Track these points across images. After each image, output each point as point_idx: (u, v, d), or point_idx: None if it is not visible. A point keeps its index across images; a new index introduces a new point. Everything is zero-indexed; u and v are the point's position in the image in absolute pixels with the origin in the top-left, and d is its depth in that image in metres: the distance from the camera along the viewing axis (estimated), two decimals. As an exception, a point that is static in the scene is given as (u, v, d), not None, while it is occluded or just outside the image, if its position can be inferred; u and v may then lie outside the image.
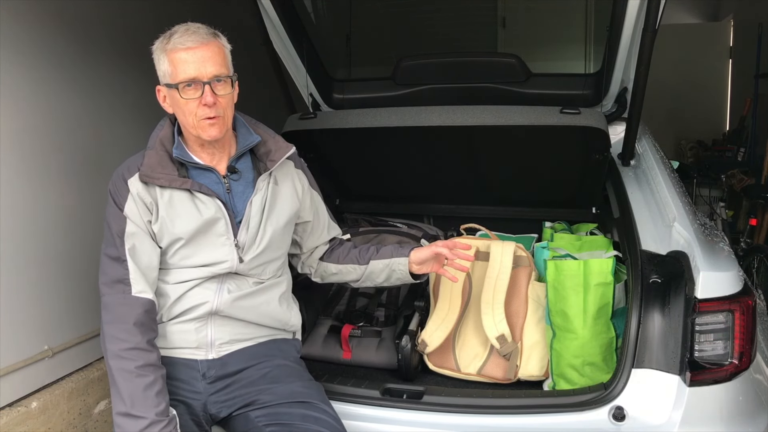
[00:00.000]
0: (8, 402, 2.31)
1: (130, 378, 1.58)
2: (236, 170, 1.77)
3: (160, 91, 1.71)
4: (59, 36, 2.57)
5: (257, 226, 1.75)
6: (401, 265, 1.89)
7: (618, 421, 1.71)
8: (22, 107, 2.37)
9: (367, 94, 2.72)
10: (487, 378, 2.13)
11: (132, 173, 1.69)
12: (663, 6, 1.85)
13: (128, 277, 1.64)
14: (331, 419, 1.71)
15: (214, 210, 1.69)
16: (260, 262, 1.78)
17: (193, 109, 1.63)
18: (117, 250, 1.66)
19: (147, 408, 1.55)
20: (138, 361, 1.59)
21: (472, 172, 2.55)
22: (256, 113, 1.92)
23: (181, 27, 1.65)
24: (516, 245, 2.20)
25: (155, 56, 1.68)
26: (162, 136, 1.74)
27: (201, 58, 1.61)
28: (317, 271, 2.02)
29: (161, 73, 1.67)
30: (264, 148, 1.81)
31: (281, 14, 2.40)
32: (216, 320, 1.75)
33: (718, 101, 7.18)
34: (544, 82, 2.54)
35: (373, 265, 1.92)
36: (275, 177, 1.81)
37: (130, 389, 1.57)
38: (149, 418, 1.54)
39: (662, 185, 2.16)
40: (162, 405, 1.58)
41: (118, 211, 1.68)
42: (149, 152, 1.70)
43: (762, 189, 4.43)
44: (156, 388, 1.58)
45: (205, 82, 1.62)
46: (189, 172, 1.72)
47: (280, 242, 1.83)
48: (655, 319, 1.76)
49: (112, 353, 1.60)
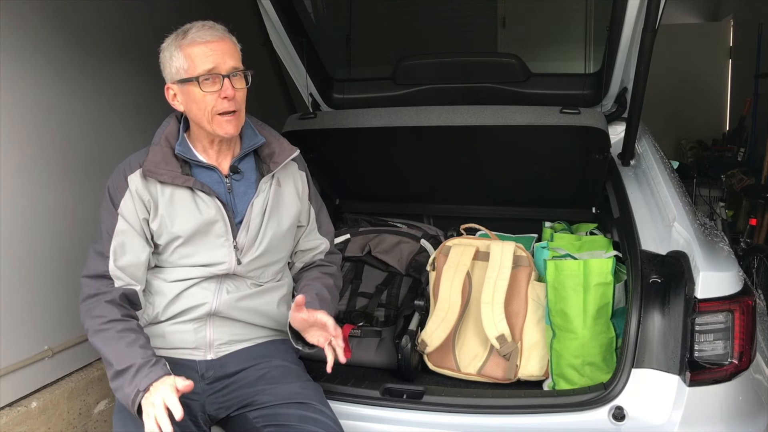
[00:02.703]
0: (8, 402, 2.31)
1: (112, 342, 1.58)
2: (239, 170, 1.77)
3: (170, 90, 1.70)
4: (59, 37, 2.57)
5: (257, 228, 1.75)
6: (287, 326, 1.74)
7: (618, 421, 1.71)
8: (22, 108, 2.38)
9: (367, 94, 2.72)
10: (487, 378, 2.13)
11: (133, 169, 1.69)
12: (663, 6, 1.85)
13: (109, 273, 1.65)
14: (328, 420, 1.71)
15: (214, 210, 1.69)
16: (259, 264, 1.77)
17: (211, 102, 1.63)
18: (103, 246, 1.66)
19: (133, 357, 1.54)
20: (117, 327, 1.59)
21: (472, 172, 2.55)
22: (256, 113, 1.92)
23: (197, 23, 1.66)
24: (516, 245, 2.20)
25: (166, 54, 1.66)
26: (167, 132, 1.74)
27: (220, 51, 1.63)
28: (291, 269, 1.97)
29: (173, 70, 1.65)
30: (268, 149, 1.81)
31: (281, 14, 2.40)
32: (215, 321, 1.75)
33: (718, 101, 7.18)
34: (544, 82, 2.54)
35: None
36: (278, 179, 1.81)
37: (115, 351, 1.56)
38: (136, 363, 1.53)
39: (662, 185, 2.16)
40: (148, 353, 1.57)
41: (111, 208, 1.68)
42: (154, 148, 1.71)
43: (762, 189, 4.43)
44: (139, 343, 1.58)
45: (225, 75, 1.62)
46: (192, 170, 1.72)
47: (281, 246, 1.83)
48: (655, 319, 1.76)
49: (93, 331, 1.61)
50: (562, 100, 2.29)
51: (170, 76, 1.68)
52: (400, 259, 2.58)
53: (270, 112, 2.45)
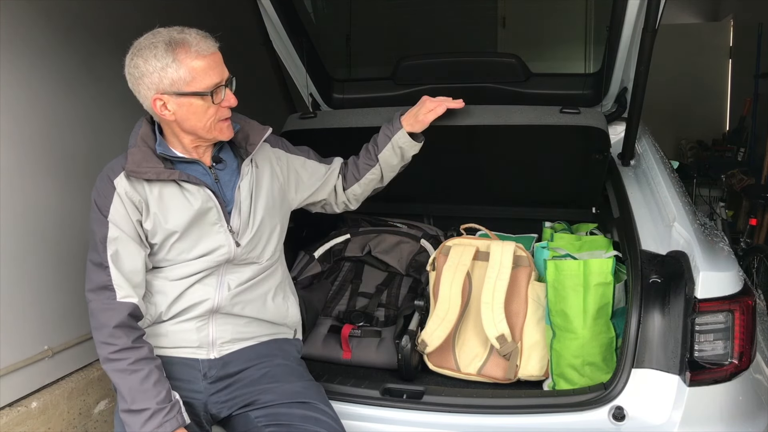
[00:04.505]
0: (8, 402, 2.31)
1: (125, 375, 1.59)
2: (221, 159, 1.79)
3: (160, 100, 1.61)
4: (59, 37, 2.57)
5: (248, 209, 1.77)
6: (402, 138, 1.96)
7: (618, 421, 1.71)
8: (22, 108, 2.38)
9: (367, 94, 2.72)
10: (487, 378, 2.13)
11: (117, 173, 1.67)
12: (663, 6, 1.85)
13: (111, 283, 1.63)
14: (330, 420, 1.72)
15: (204, 200, 1.69)
16: (256, 243, 1.79)
17: (213, 113, 1.66)
18: (99, 256, 1.65)
19: (147, 399, 1.57)
20: (129, 359, 1.59)
21: (472, 172, 2.55)
22: (256, 113, 1.92)
23: (191, 33, 1.62)
24: (516, 245, 2.20)
25: (158, 63, 1.58)
26: (142, 134, 1.73)
27: (219, 63, 1.65)
28: (350, 200, 2.09)
29: (167, 81, 1.59)
30: (242, 134, 1.83)
31: (281, 14, 2.40)
32: (217, 318, 1.76)
33: (718, 101, 7.18)
34: (544, 82, 2.54)
35: (382, 156, 1.98)
36: (255, 161, 1.83)
37: (128, 385, 1.58)
38: (151, 408, 1.56)
39: (662, 185, 2.16)
40: (162, 393, 1.59)
41: (101, 217, 1.66)
42: (132, 150, 1.69)
43: (762, 189, 4.43)
44: (152, 379, 1.59)
45: (225, 84, 1.65)
46: (175, 166, 1.72)
47: (271, 220, 1.84)
48: (655, 319, 1.76)
49: (104, 358, 1.62)
50: (562, 100, 2.28)
51: (161, 87, 1.60)
52: (400, 259, 2.59)
53: (270, 112, 2.45)
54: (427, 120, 1.96)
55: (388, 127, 1.99)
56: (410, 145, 1.97)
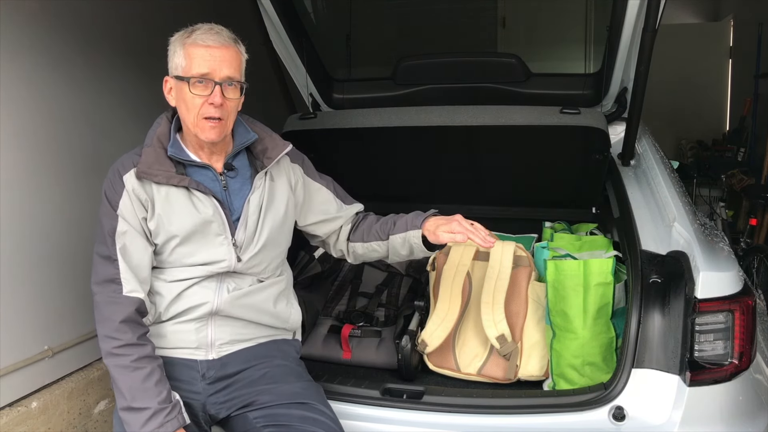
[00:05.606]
0: (8, 402, 2.31)
1: (126, 372, 1.59)
2: (233, 167, 1.77)
3: (167, 82, 1.71)
4: (59, 37, 2.57)
5: (255, 224, 1.75)
6: (416, 238, 1.84)
7: (618, 421, 1.71)
8: (22, 108, 2.37)
9: (367, 94, 2.72)
10: (487, 378, 2.13)
11: (127, 169, 1.68)
12: (663, 6, 1.85)
13: (119, 277, 1.64)
14: (329, 420, 1.71)
15: (211, 209, 1.69)
16: (258, 260, 1.78)
17: (197, 106, 1.64)
18: (108, 249, 1.66)
19: (148, 398, 1.57)
20: (132, 356, 1.59)
21: (472, 172, 2.55)
22: (256, 113, 1.92)
23: (206, 25, 1.66)
24: (516, 245, 2.20)
25: (171, 47, 1.68)
26: (159, 133, 1.74)
27: (218, 58, 1.64)
28: (349, 252, 2.00)
29: (173, 65, 1.67)
30: (261, 145, 1.81)
31: (281, 14, 2.40)
32: (216, 320, 1.75)
33: (718, 101, 7.18)
34: (544, 82, 2.54)
35: (393, 240, 1.89)
36: (271, 174, 1.81)
37: (129, 383, 1.58)
38: (152, 407, 1.56)
39: (662, 185, 2.16)
40: (163, 393, 1.59)
41: (111, 210, 1.67)
42: (147, 149, 1.70)
43: (762, 189, 4.43)
44: (154, 378, 1.59)
45: (217, 82, 1.63)
46: (186, 170, 1.72)
47: (278, 240, 1.83)
48: (655, 319, 1.76)
49: (106, 352, 1.62)
50: (562, 100, 2.29)
51: (170, 70, 1.69)
52: (400, 259, 2.59)
53: (270, 112, 2.45)
54: (442, 239, 1.79)
55: (414, 217, 1.88)
56: (420, 249, 1.86)
